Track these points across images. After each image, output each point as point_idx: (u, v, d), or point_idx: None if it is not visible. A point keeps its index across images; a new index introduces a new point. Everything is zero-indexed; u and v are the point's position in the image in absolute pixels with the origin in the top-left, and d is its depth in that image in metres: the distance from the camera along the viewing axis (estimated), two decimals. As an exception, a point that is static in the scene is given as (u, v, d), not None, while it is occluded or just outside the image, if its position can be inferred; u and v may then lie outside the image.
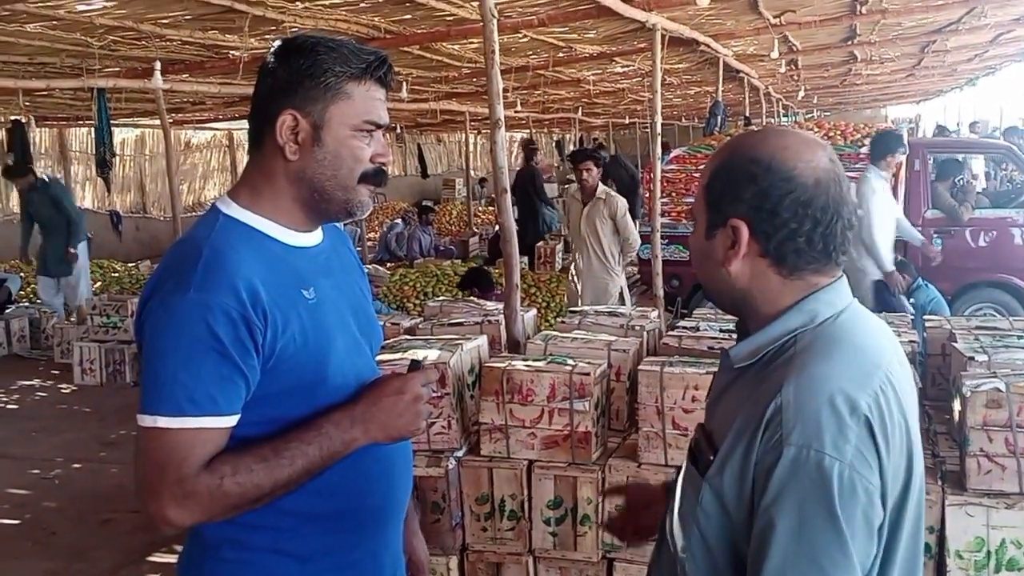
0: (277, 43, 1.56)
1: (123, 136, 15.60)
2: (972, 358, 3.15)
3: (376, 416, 1.51)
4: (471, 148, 18.37)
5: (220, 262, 1.43)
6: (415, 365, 1.60)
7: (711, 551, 1.24)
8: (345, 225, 2.02)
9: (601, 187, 6.82)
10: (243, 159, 19.25)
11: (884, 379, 1.23)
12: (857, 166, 7.51)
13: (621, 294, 6.86)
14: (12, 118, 10.34)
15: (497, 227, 8.05)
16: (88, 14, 6.09)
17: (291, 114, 1.50)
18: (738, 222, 1.27)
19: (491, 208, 16.65)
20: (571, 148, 22.11)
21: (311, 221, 1.60)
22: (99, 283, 10.30)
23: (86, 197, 15.08)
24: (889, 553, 1.20)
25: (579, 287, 6.81)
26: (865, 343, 1.27)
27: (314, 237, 1.62)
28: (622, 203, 6.77)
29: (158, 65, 7.67)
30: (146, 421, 1.41)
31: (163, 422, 1.40)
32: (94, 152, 9.05)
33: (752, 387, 1.26)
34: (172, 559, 4.36)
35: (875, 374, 1.22)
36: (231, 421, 1.44)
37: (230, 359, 1.41)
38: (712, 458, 1.25)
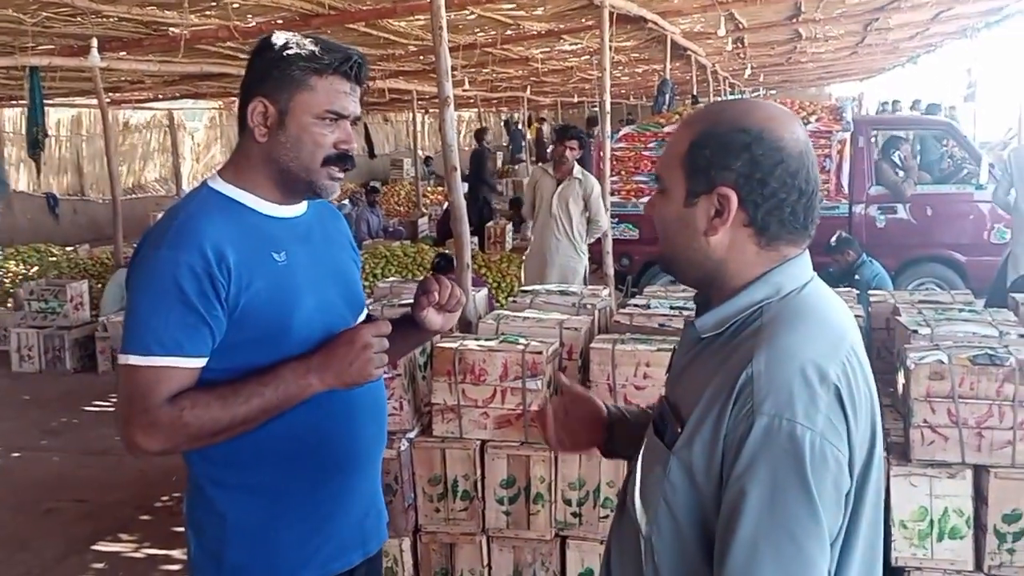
0: (259, 40, 1.76)
1: (59, 116, 15.16)
2: (915, 331, 3.21)
3: (330, 364, 1.66)
4: (419, 127, 18.20)
5: (192, 225, 1.63)
6: (368, 318, 1.79)
7: (678, 525, 1.24)
8: None
9: (577, 167, 6.61)
10: (183, 139, 18.89)
11: (850, 350, 1.25)
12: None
13: (584, 275, 6.76)
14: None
15: (446, 206, 7.95)
16: (19, -11, 5.88)
17: (261, 101, 1.69)
18: (727, 190, 1.27)
19: (440, 188, 16.56)
20: (516, 127, 22.08)
21: (286, 196, 1.76)
22: (36, 268, 10.00)
23: (20, 179, 14.64)
24: (854, 521, 1.22)
25: (546, 266, 6.56)
26: (829, 316, 1.29)
27: (295, 210, 1.79)
28: (597, 185, 6.58)
29: (95, 43, 7.44)
30: (122, 359, 1.62)
31: (134, 360, 1.59)
32: (26, 132, 8.77)
33: (719, 358, 1.26)
34: (117, 548, 4.28)
35: (841, 345, 1.24)
36: (196, 363, 1.62)
37: (194, 310, 1.59)
38: (680, 430, 1.25)
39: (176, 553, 4.10)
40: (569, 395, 1.70)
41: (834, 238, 6.72)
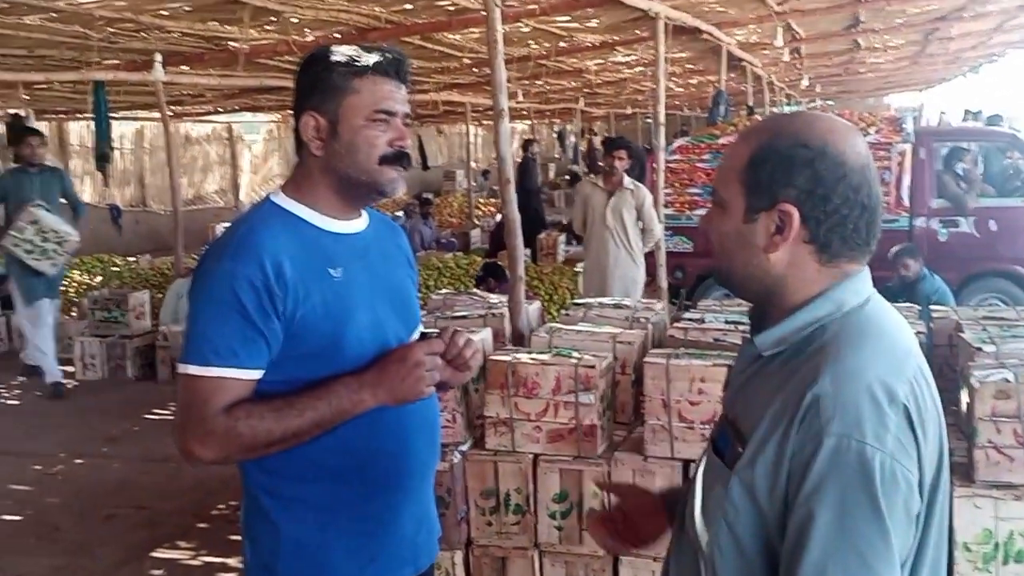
0: (301, 59, 1.80)
1: (122, 129, 15.55)
2: (980, 348, 3.13)
3: (382, 380, 1.68)
4: (471, 140, 18.30)
5: (252, 239, 1.66)
6: (423, 336, 1.81)
7: (740, 545, 1.21)
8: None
9: (627, 178, 6.59)
10: (242, 152, 19.27)
11: (916, 368, 1.22)
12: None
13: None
14: (11, 111, 10.30)
15: (499, 218, 7.93)
16: (87, 6, 6.06)
17: (311, 115, 1.72)
18: (789, 207, 1.24)
19: (492, 200, 16.61)
20: (572, 139, 22.09)
21: (349, 207, 1.79)
22: (100, 277, 10.26)
23: (85, 191, 15.04)
24: (922, 542, 1.19)
25: (606, 280, 6.51)
26: (893, 333, 1.26)
27: (354, 225, 1.81)
28: (649, 194, 6.55)
29: (158, 57, 7.63)
30: (181, 368, 1.65)
31: (192, 370, 1.63)
32: (94, 145, 8.95)
33: (781, 377, 1.24)
34: (175, 555, 4.35)
35: (907, 363, 1.22)
36: (252, 375, 1.65)
37: (252, 322, 1.62)
38: (741, 450, 1.22)
39: (232, 561, 4.15)
40: (618, 494, 1.73)
41: (895, 248, 6.57)
